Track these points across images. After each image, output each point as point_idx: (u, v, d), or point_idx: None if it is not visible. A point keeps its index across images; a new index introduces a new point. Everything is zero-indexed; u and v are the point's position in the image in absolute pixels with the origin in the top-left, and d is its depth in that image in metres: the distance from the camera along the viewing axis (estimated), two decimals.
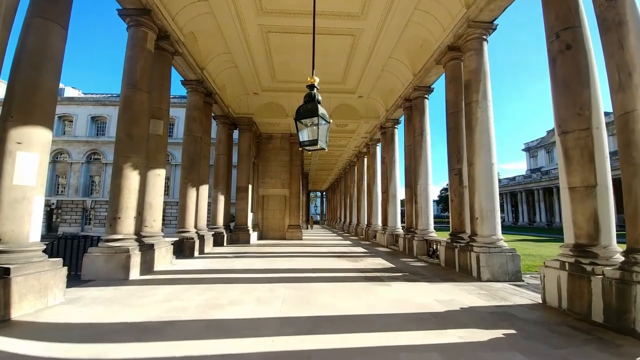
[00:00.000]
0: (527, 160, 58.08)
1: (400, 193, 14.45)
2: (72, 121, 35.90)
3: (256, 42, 10.02)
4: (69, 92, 38.01)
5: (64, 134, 35.82)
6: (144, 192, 7.20)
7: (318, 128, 4.31)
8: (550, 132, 50.93)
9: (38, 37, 4.82)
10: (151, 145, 7.46)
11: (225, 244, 13.13)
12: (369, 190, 18.12)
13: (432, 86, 10.79)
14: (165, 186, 36.04)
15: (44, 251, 4.77)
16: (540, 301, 4.97)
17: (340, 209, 32.92)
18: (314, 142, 4.38)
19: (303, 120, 4.38)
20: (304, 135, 4.47)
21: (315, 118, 4.28)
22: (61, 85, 38.15)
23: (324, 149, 4.54)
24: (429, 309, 4.37)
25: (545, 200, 48.42)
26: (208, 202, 13.38)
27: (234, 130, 15.40)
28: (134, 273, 6.22)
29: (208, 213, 14.25)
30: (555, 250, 14.60)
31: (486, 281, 6.31)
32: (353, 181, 24.98)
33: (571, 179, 4.86)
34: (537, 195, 49.12)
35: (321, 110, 4.29)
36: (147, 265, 6.67)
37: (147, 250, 6.74)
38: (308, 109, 4.34)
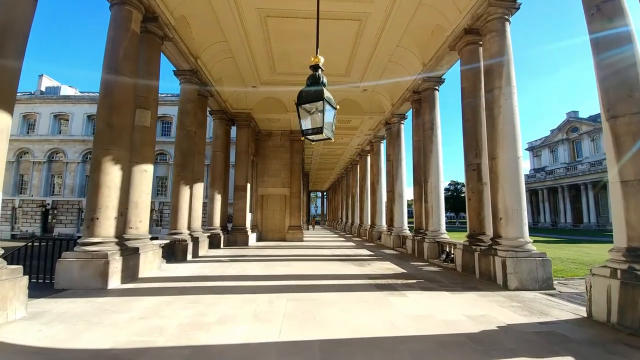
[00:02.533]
0: (530, 160, 57.29)
1: (407, 192, 13.71)
2: (68, 120, 35.12)
3: (254, 29, 9.26)
4: (65, 90, 37.25)
5: (60, 133, 35.05)
6: (128, 190, 6.45)
7: (323, 114, 3.63)
8: (554, 131, 50.19)
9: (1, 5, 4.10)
10: (137, 138, 6.70)
11: (222, 246, 12.36)
12: (372, 190, 17.37)
13: (443, 76, 10.05)
14: (162, 186, 35.27)
15: (5, 257, 4.07)
16: (585, 314, 4.30)
17: (342, 209, 32.15)
18: (318, 131, 3.70)
19: (306, 106, 3.72)
20: (307, 123, 3.77)
21: (319, 103, 3.63)
22: (57, 84, 37.74)
23: (329, 138, 3.85)
24: (461, 328, 3.61)
25: (550, 200, 47.66)
26: (204, 203, 12.66)
27: (232, 127, 14.66)
28: (114, 281, 5.46)
29: (204, 214, 13.52)
30: (571, 252, 13.86)
31: (514, 290, 5.55)
32: (355, 180, 24.22)
33: (624, 170, 4.13)
34: (541, 195, 48.35)
35: (327, 94, 3.64)
36: (130, 272, 5.91)
37: (131, 254, 5.98)
38: (312, 93, 3.69)
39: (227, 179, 13.74)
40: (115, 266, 5.47)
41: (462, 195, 70.87)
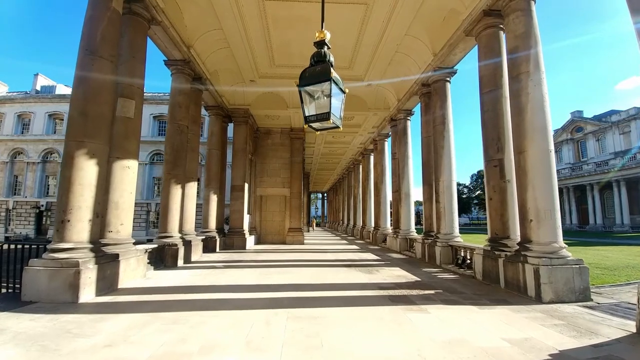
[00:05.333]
0: None
1: (414, 192, 12.98)
2: (63, 119, 34.35)
3: (251, 15, 8.54)
4: (61, 89, 36.52)
5: (55, 132, 34.29)
6: (108, 189, 5.71)
7: (330, 98, 2.95)
8: (558, 131, 49.47)
9: None
10: (118, 130, 5.97)
11: (217, 250, 11.62)
12: (376, 190, 16.62)
13: (455, 67, 9.33)
14: (160, 186, 34.49)
15: None
16: (634, 329, 3.66)
17: (343, 210, 31.37)
18: (324, 117, 3.05)
19: (309, 89, 3.08)
20: (311, 109, 3.10)
21: (326, 85, 2.97)
22: (53, 83, 37.07)
23: (338, 127, 3.17)
24: (506, 359, 2.86)
25: None
26: (199, 204, 11.89)
27: (229, 124, 13.91)
28: (87, 293, 4.71)
29: (199, 216, 12.76)
30: (588, 255, 13.03)
31: (549, 302, 4.81)
32: (357, 181, 23.49)
33: None
34: None
35: (334, 74, 2.93)
36: (107, 282, 5.16)
37: (109, 262, 5.23)
38: (317, 72, 3.06)
39: (223, 179, 12.99)
40: (89, 276, 4.73)
41: (464, 196, 70.12)
